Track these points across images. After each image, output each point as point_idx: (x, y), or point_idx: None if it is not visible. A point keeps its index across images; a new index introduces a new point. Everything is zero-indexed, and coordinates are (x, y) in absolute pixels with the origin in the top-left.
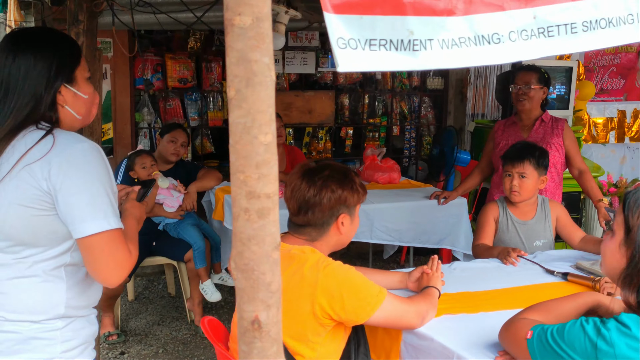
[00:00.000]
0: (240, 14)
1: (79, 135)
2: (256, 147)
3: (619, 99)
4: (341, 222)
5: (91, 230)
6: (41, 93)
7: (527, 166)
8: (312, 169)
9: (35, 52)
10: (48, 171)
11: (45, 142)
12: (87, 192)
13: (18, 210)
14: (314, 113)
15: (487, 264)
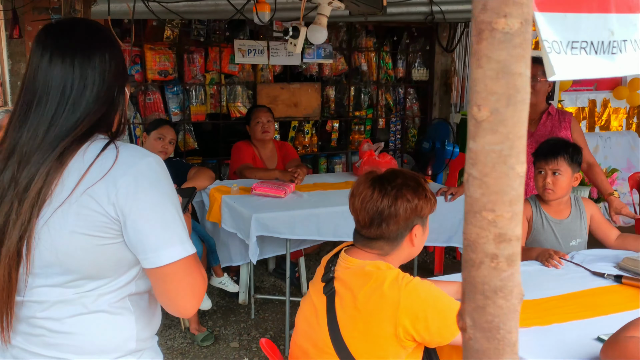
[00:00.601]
0: (506, 16)
1: (140, 147)
2: (512, 180)
3: (589, 89)
4: (415, 234)
5: (167, 260)
6: (113, 95)
7: (561, 162)
8: (381, 177)
9: (107, 50)
10: (115, 194)
11: (107, 157)
12: (159, 215)
13: (81, 241)
14: (299, 106)
15: (529, 267)
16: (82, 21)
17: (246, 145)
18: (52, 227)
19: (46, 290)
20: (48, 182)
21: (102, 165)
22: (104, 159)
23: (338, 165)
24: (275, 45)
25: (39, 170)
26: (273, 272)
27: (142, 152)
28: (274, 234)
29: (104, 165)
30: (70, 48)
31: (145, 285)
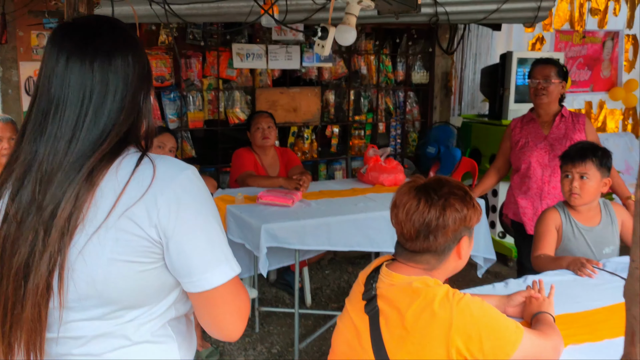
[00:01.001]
0: None
1: (174, 158)
2: None
3: (585, 90)
4: (462, 246)
5: (215, 282)
6: (140, 102)
7: (590, 166)
8: (426, 186)
9: (130, 51)
10: (157, 214)
11: (143, 173)
12: (204, 234)
13: (121, 268)
14: (299, 111)
15: (562, 277)
16: (103, 19)
17: (247, 152)
18: (88, 256)
19: (83, 324)
20: (78, 206)
21: (139, 183)
22: (140, 175)
23: (338, 172)
24: (274, 49)
25: (66, 193)
26: (275, 283)
27: (179, 164)
28: (283, 244)
29: (142, 183)
30: (90, 49)
31: (184, 308)
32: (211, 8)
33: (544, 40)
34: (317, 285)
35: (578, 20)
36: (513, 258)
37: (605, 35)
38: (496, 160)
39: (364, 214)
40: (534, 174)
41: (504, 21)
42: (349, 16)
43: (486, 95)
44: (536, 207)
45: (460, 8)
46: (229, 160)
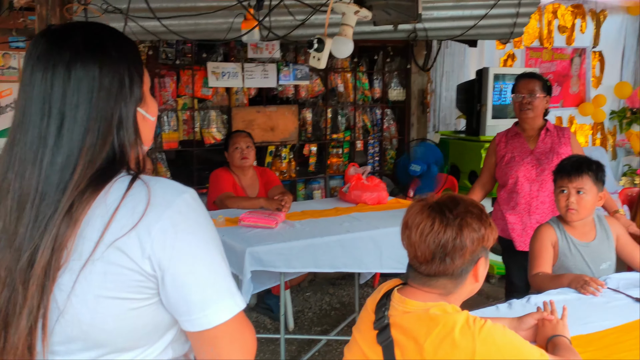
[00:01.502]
0: None
1: (172, 181)
2: None
3: (555, 106)
4: (479, 268)
5: (217, 320)
6: (117, 122)
7: (586, 180)
8: (440, 204)
9: (98, 61)
10: (150, 245)
11: (136, 197)
12: (204, 266)
13: (110, 307)
14: (276, 130)
15: (565, 296)
16: (82, 24)
17: (225, 172)
18: (73, 294)
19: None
20: (59, 247)
21: (131, 209)
22: (132, 200)
23: (317, 191)
24: (250, 67)
25: (44, 234)
26: (255, 307)
27: (176, 187)
28: (269, 268)
29: (135, 209)
30: (53, 58)
31: (183, 348)
32: (188, 25)
33: (514, 57)
34: (299, 309)
35: (547, 37)
36: (495, 275)
37: (573, 52)
38: (481, 176)
39: (350, 234)
40: (521, 189)
41: (481, 37)
42: (345, 27)
43: (463, 112)
44: (525, 223)
45: (438, 24)
46: (205, 181)
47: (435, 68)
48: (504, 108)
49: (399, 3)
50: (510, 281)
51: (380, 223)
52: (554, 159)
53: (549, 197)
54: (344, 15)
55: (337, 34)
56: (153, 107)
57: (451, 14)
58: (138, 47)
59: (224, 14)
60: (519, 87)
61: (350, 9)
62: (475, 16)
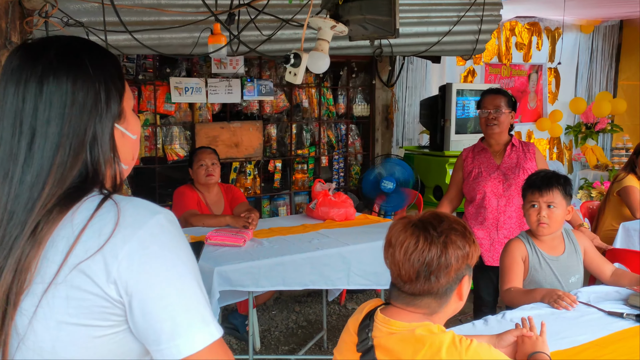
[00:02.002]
0: None
1: (146, 201)
2: None
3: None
4: (463, 286)
5: (188, 350)
6: (91, 139)
7: (556, 194)
8: (423, 222)
9: (72, 75)
10: (117, 268)
11: (104, 218)
12: (175, 291)
13: (73, 334)
14: (240, 146)
15: (539, 311)
16: (61, 39)
17: (189, 190)
18: (35, 319)
19: None
20: (21, 270)
21: (98, 231)
22: (100, 221)
23: (282, 207)
24: (213, 83)
25: (8, 257)
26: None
27: (149, 207)
28: (237, 287)
29: (102, 231)
30: (25, 72)
31: None
32: (152, 39)
33: (475, 73)
34: (265, 328)
35: (505, 54)
36: None
37: (530, 68)
38: (448, 192)
39: (320, 251)
40: (489, 204)
41: (445, 54)
42: (321, 42)
43: (426, 127)
44: (493, 238)
45: (403, 40)
46: (168, 199)
47: (398, 84)
48: (466, 123)
49: (375, 18)
50: (478, 295)
51: (349, 239)
52: (520, 174)
53: (516, 212)
54: (320, 30)
55: (313, 49)
56: (134, 124)
57: (416, 30)
58: (119, 62)
59: (189, 29)
60: (485, 102)
61: (326, 24)
62: (439, 33)
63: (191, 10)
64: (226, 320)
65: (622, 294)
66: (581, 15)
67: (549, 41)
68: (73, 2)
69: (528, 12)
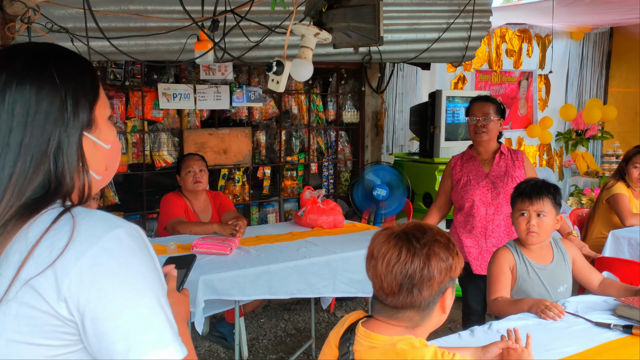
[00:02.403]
0: None
1: (108, 214)
2: None
3: (505, 128)
4: (446, 298)
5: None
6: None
7: (546, 203)
8: (406, 233)
9: (35, 83)
10: (68, 285)
11: (58, 233)
12: (130, 309)
13: (24, 353)
14: (229, 153)
15: (526, 321)
16: (31, 46)
17: (176, 197)
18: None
19: None
20: None
21: (51, 245)
22: (54, 236)
23: (271, 214)
24: (202, 89)
25: None
26: (208, 335)
27: (110, 221)
28: (223, 296)
29: (55, 245)
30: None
31: None
32: (138, 46)
33: (465, 80)
34: (253, 336)
35: (496, 61)
36: None
37: (521, 75)
38: (437, 199)
39: (306, 260)
40: (477, 212)
41: (434, 61)
42: (305, 50)
43: (416, 134)
44: (481, 246)
45: (392, 47)
46: (156, 206)
47: (388, 90)
48: (456, 130)
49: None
50: (467, 304)
51: (337, 247)
52: (509, 183)
53: (505, 220)
54: (304, 38)
55: (297, 57)
56: (108, 133)
57: (405, 37)
58: (93, 69)
59: (175, 35)
60: (474, 109)
61: (310, 31)
62: (428, 39)
63: (178, 16)
64: (214, 328)
65: (610, 304)
66: (571, 22)
67: (540, 48)
68: (58, 8)
69: (518, 19)
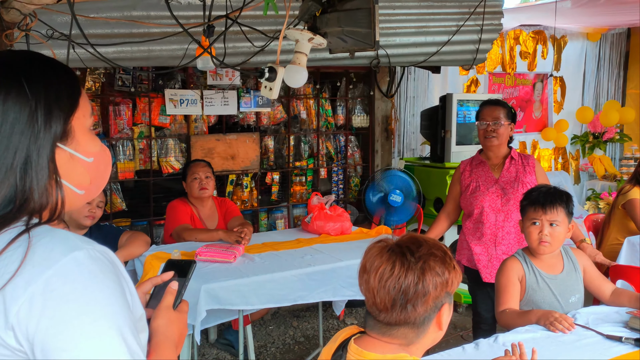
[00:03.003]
0: None
1: (69, 233)
2: None
3: (519, 131)
4: (443, 315)
5: None
6: (27, 160)
7: (560, 212)
8: (400, 246)
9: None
10: (16, 313)
11: (11, 257)
12: (85, 340)
13: None
14: (237, 158)
15: (534, 334)
16: (3, 55)
17: (182, 203)
18: None
19: None
20: None
21: (2, 269)
22: (7, 258)
23: (280, 220)
24: (209, 95)
25: None
26: (215, 342)
27: (68, 243)
28: (226, 305)
29: (7, 269)
30: None
31: None
32: (141, 52)
33: (478, 83)
34: (261, 343)
35: (509, 63)
36: (462, 303)
37: (535, 77)
38: (446, 205)
39: (311, 268)
40: (487, 219)
41: (444, 64)
42: (299, 55)
43: (427, 138)
44: (490, 254)
45: (401, 51)
46: (163, 212)
47: (399, 94)
48: (468, 134)
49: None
50: (477, 312)
51: (343, 255)
52: (519, 189)
53: (515, 227)
54: (298, 43)
55: (291, 62)
56: (87, 144)
57: (413, 41)
58: (74, 77)
59: (179, 40)
60: (484, 114)
61: (303, 36)
62: (437, 42)
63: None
64: (221, 336)
65: (622, 316)
66: (587, 23)
67: (554, 49)
68: (60, 15)
69: (532, 20)
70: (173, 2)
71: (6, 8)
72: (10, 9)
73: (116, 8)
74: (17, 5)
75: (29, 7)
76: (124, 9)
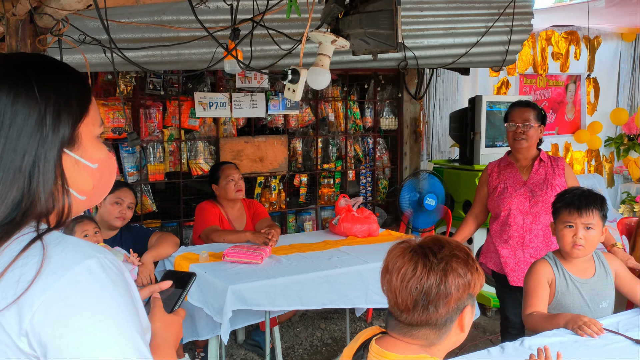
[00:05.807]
0: None
1: (80, 241)
2: None
3: (551, 133)
4: (465, 317)
5: None
6: (34, 163)
7: (595, 216)
8: (422, 247)
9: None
10: (30, 320)
11: (26, 264)
12: (98, 348)
13: None
14: (265, 161)
15: (562, 338)
16: (14, 57)
17: (211, 205)
18: None
19: None
20: None
21: (18, 277)
22: (21, 267)
23: (308, 222)
24: (238, 97)
25: None
26: (244, 343)
27: (82, 251)
28: (252, 306)
29: (22, 277)
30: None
31: None
32: (171, 55)
33: (509, 84)
34: (289, 345)
35: (541, 64)
36: (492, 307)
37: (568, 78)
38: (473, 207)
39: (338, 269)
40: (514, 221)
41: (473, 65)
42: (322, 57)
43: (456, 140)
44: (518, 257)
45: (429, 52)
46: (192, 214)
47: (428, 96)
48: (498, 136)
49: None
50: (504, 316)
51: (370, 257)
52: (548, 191)
53: (543, 230)
54: (321, 45)
55: (314, 65)
56: (93, 151)
57: (442, 42)
58: (85, 84)
59: (207, 44)
60: (513, 115)
61: (326, 38)
62: (466, 44)
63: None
64: (249, 337)
65: None
66: (622, 23)
67: (587, 50)
68: (92, 21)
69: (564, 20)
70: (202, 6)
71: (39, 14)
72: (43, 14)
73: (147, 13)
74: (50, 11)
75: (61, 13)
76: (154, 14)
